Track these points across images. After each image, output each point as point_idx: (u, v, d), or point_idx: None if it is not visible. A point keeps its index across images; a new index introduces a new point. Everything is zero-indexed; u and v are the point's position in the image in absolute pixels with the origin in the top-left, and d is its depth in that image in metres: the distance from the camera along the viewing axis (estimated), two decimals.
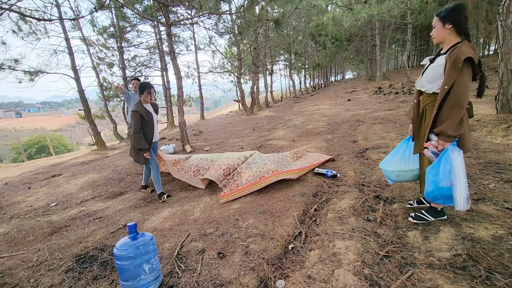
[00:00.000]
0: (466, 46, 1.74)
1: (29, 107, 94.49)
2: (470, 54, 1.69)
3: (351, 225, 2.27)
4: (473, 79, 1.80)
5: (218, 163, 3.89)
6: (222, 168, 3.64)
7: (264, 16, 8.67)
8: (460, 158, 1.77)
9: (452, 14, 1.80)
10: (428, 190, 1.90)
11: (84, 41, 10.50)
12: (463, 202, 1.73)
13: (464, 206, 1.73)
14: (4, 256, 2.54)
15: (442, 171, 1.80)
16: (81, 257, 2.32)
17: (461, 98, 1.73)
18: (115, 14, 10.65)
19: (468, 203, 1.74)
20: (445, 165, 1.79)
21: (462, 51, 1.71)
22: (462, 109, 1.74)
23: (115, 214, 3.23)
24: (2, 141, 33.25)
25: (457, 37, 1.83)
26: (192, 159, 4.30)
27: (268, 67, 20.00)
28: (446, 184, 1.79)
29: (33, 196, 4.53)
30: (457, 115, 1.74)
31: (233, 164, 3.68)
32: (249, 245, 2.21)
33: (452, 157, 1.78)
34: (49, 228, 3.07)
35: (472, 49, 1.73)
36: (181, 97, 6.34)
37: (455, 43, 1.81)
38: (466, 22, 1.80)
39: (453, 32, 1.83)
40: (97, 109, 12.27)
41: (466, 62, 1.71)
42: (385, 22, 16.53)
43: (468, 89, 1.74)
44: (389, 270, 1.70)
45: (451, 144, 1.81)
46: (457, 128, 1.76)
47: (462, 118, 1.77)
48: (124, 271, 1.71)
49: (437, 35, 1.91)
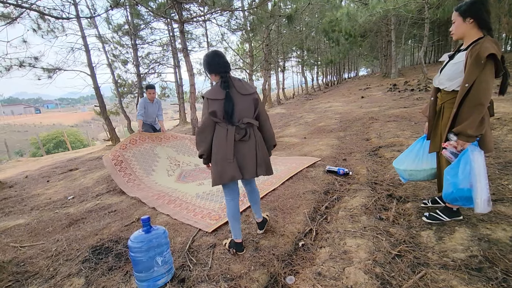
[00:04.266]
0: (488, 41, 1.66)
1: (48, 103, 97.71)
2: (493, 50, 1.60)
3: (363, 223, 2.25)
4: (496, 76, 1.71)
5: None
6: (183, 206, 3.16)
7: (277, 12, 8.62)
8: (481, 159, 1.69)
9: (473, 8, 1.71)
10: (447, 192, 1.84)
11: (99, 38, 10.72)
12: (483, 204, 1.66)
13: (485, 208, 1.67)
14: (26, 245, 2.65)
15: (461, 172, 1.73)
16: (97, 248, 2.40)
17: (483, 97, 1.65)
18: (129, 12, 10.82)
19: (490, 205, 1.68)
20: (465, 166, 1.72)
21: (485, 47, 1.62)
22: (483, 108, 1.66)
23: (129, 208, 3.32)
24: (23, 136, 34.59)
25: (478, 32, 1.74)
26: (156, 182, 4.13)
27: (280, 64, 19.88)
28: (465, 185, 1.72)
29: (51, 189, 4.70)
30: (478, 115, 1.66)
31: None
32: (260, 241, 2.23)
33: (472, 158, 1.70)
34: (67, 220, 3.18)
35: (495, 44, 1.65)
36: (193, 93, 6.41)
37: (477, 38, 1.73)
38: (489, 16, 1.72)
39: (474, 27, 1.74)
40: (112, 105, 12.54)
41: (489, 59, 1.62)
42: (401, 17, 16.09)
43: (491, 87, 1.66)
44: (401, 270, 1.68)
45: (472, 144, 1.73)
46: (478, 127, 1.68)
47: (483, 117, 1.69)
48: (138, 263, 1.75)
49: (457, 31, 1.82)
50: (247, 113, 1.94)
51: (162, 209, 3.11)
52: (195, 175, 4.24)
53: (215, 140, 1.92)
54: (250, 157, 1.94)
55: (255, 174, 1.96)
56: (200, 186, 3.67)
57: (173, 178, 4.23)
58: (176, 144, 5.27)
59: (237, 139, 1.90)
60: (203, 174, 4.23)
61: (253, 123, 1.97)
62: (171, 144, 5.20)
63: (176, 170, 4.54)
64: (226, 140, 1.88)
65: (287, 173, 3.64)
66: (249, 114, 1.95)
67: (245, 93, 1.92)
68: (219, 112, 1.87)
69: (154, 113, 5.09)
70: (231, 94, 1.87)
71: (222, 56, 1.93)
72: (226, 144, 1.88)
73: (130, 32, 11.30)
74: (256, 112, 2.01)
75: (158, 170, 4.50)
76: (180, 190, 3.65)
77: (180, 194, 3.48)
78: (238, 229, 2.10)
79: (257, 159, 1.96)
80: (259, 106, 2.02)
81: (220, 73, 1.91)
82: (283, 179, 3.46)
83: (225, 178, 1.90)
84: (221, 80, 1.90)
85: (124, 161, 4.42)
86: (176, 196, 3.43)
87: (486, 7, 1.71)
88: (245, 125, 1.92)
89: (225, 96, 1.85)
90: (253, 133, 1.97)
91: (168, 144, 5.16)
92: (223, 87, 1.87)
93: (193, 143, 5.47)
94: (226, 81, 1.88)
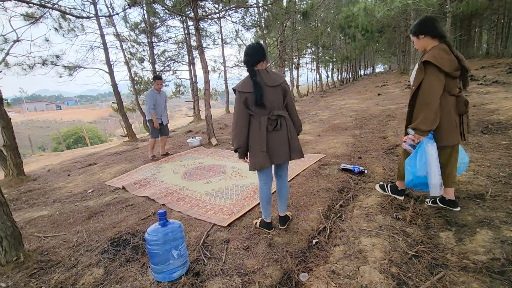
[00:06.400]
0: (435, 49, 1.95)
1: (68, 100, 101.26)
2: (430, 57, 1.90)
3: (378, 222, 2.21)
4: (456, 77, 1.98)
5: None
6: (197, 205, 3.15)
7: (292, 8, 8.52)
8: (434, 150, 1.99)
9: (419, 27, 2.06)
10: (408, 179, 2.15)
11: (117, 37, 10.97)
12: (435, 189, 2.00)
13: (437, 192, 2.01)
14: (49, 235, 2.77)
15: (418, 162, 2.05)
16: (115, 240, 2.47)
17: (428, 97, 1.93)
18: (146, 10, 11.00)
19: (441, 189, 2.02)
20: (421, 157, 2.04)
21: (426, 55, 1.95)
22: (431, 107, 1.92)
23: (145, 202, 3.40)
24: (45, 131, 36.04)
25: (434, 41, 2.02)
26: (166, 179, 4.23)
27: (295, 61, 19.69)
28: (422, 173, 2.04)
29: (72, 183, 4.88)
30: (428, 112, 1.93)
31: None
32: (273, 238, 2.24)
33: (427, 150, 2.00)
34: (87, 212, 3.30)
35: (442, 51, 1.93)
36: (207, 90, 6.45)
37: (431, 47, 2.01)
38: (435, 27, 2.01)
39: (428, 39, 2.04)
40: (128, 102, 12.84)
41: (426, 65, 1.94)
42: (421, 11, 15.55)
43: (435, 89, 1.91)
44: (418, 270, 1.64)
45: (427, 137, 2.01)
46: (429, 123, 1.94)
47: (437, 114, 1.94)
48: (155, 255, 1.80)
49: (418, 46, 2.14)
50: (276, 104, 2.04)
51: (172, 206, 3.16)
52: (201, 173, 4.28)
53: (251, 133, 2.06)
54: (283, 144, 2.07)
55: (288, 158, 2.10)
56: (208, 184, 3.71)
57: (179, 175, 4.28)
58: (180, 158, 5.45)
59: (270, 130, 2.02)
60: (209, 172, 4.26)
61: (284, 115, 2.06)
62: (175, 159, 5.38)
63: (181, 169, 4.61)
64: (260, 132, 2.00)
65: (292, 172, 3.65)
66: (278, 105, 2.05)
67: (273, 84, 2.01)
68: (250, 104, 1.99)
69: (162, 104, 5.32)
70: (260, 86, 1.96)
71: (253, 48, 2.03)
72: (260, 135, 2.01)
73: (146, 30, 11.49)
74: (285, 102, 2.10)
75: (163, 171, 4.61)
76: (188, 188, 3.69)
77: (189, 192, 3.52)
78: (269, 211, 2.32)
79: (290, 145, 2.09)
80: (287, 96, 2.11)
81: (248, 65, 2.02)
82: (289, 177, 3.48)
83: (257, 166, 2.07)
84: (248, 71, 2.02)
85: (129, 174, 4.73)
86: (185, 194, 3.47)
87: (431, 22, 2.03)
88: (276, 116, 2.02)
89: (254, 88, 1.95)
90: (285, 122, 2.07)
91: (172, 160, 5.36)
92: (251, 78, 1.98)
93: (197, 153, 5.63)
94: (253, 73, 1.98)
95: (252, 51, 2.00)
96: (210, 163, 4.76)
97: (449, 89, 1.99)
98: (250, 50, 2.01)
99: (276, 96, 2.04)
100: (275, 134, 2.05)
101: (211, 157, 5.22)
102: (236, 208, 2.86)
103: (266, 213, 2.32)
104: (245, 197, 3.12)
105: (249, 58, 2.01)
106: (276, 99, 2.04)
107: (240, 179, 3.75)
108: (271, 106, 2.02)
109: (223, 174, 4.08)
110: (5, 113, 5.24)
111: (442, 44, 1.98)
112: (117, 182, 4.40)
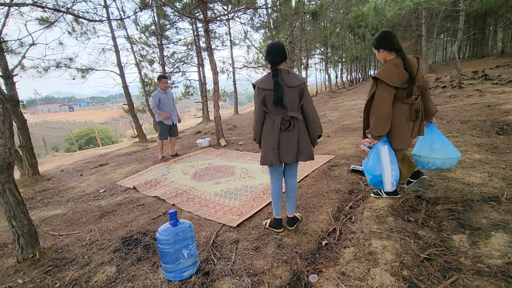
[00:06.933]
0: (387, 65, 2.19)
1: (80, 101, 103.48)
2: (379, 75, 2.16)
3: (389, 224, 2.18)
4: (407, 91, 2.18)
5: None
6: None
7: (301, 9, 8.48)
8: (385, 152, 2.23)
9: (378, 42, 2.25)
10: (368, 178, 2.39)
11: (128, 39, 11.17)
12: (388, 185, 2.24)
13: (389, 188, 2.26)
14: (63, 234, 2.85)
15: (374, 163, 2.29)
16: (126, 239, 2.52)
17: (378, 108, 2.18)
18: (156, 13, 11.16)
19: (393, 186, 2.25)
20: (376, 158, 2.28)
21: (378, 72, 2.21)
22: (380, 115, 2.17)
23: (155, 202, 3.45)
24: (58, 132, 36.92)
25: (391, 54, 2.22)
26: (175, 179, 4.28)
27: (303, 61, 19.61)
28: (378, 172, 2.27)
29: (84, 183, 5.00)
30: (377, 120, 2.18)
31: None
32: (282, 239, 2.24)
33: (380, 152, 2.25)
34: (99, 211, 3.37)
35: (393, 65, 2.15)
36: (217, 92, 6.50)
37: (388, 60, 2.23)
38: (392, 41, 2.19)
39: (387, 53, 2.24)
40: (139, 103, 13.03)
41: (377, 80, 2.18)
42: (433, 10, 15.26)
43: (384, 101, 2.15)
44: (431, 274, 1.61)
45: (382, 140, 2.26)
46: (381, 130, 2.19)
47: (388, 121, 2.18)
48: (166, 254, 1.83)
49: (379, 58, 2.35)
50: (293, 105, 2.07)
51: (182, 206, 3.19)
52: (210, 174, 4.31)
53: (264, 129, 2.13)
54: (292, 145, 2.11)
55: (295, 159, 2.13)
56: (218, 185, 3.73)
57: (188, 176, 4.32)
58: (189, 158, 5.51)
59: (282, 129, 2.07)
60: (218, 173, 4.28)
61: (297, 117, 2.08)
62: (185, 160, 5.44)
63: (190, 170, 4.65)
64: (272, 130, 2.06)
65: (301, 172, 3.64)
66: (294, 107, 2.07)
67: (292, 85, 2.04)
68: (268, 102, 2.04)
69: (169, 103, 5.36)
70: (280, 86, 1.99)
71: (277, 48, 2.05)
72: (272, 134, 2.07)
73: (156, 32, 11.66)
74: (300, 103, 2.10)
75: (172, 172, 4.65)
76: (198, 188, 3.72)
77: (199, 193, 3.55)
78: (279, 208, 2.34)
79: (299, 147, 2.12)
80: (304, 97, 2.11)
81: (271, 63, 2.05)
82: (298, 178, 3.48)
83: (266, 162, 2.13)
84: (271, 69, 2.05)
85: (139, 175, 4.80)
86: (195, 195, 3.50)
87: (389, 37, 2.20)
88: (289, 117, 2.06)
89: (274, 86, 1.99)
90: (297, 124, 2.10)
91: (181, 160, 5.41)
92: (272, 77, 2.02)
93: (206, 154, 5.71)
94: (275, 72, 2.02)
95: (277, 51, 2.03)
96: (219, 164, 4.79)
97: (401, 98, 2.21)
98: (276, 49, 2.03)
99: (293, 97, 2.07)
100: (286, 134, 2.10)
101: (220, 158, 5.26)
102: (245, 208, 2.87)
103: (276, 209, 2.34)
104: (254, 198, 3.13)
105: (274, 57, 2.03)
106: (294, 100, 2.07)
107: (249, 180, 3.76)
108: (289, 107, 2.06)
109: (232, 174, 4.10)
110: (21, 115, 5.41)
111: (397, 58, 2.18)
112: (128, 182, 4.48)
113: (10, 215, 2.21)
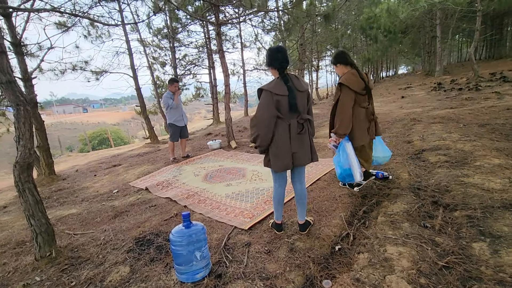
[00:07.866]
0: (347, 74, 2.68)
1: (94, 103, 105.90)
2: (343, 80, 2.62)
3: (405, 230, 2.13)
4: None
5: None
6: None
7: (313, 11, 8.45)
8: (350, 148, 2.65)
9: (335, 59, 2.80)
10: (338, 173, 2.77)
11: (141, 42, 11.38)
12: (357, 177, 2.62)
13: (358, 179, 2.64)
14: (78, 233, 2.91)
15: (342, 158, 2.67)
16: (139, 240, 2.55)
17: (341, 111, 2.62)
18: (168, 16, 11.34)
19: (361, 176, 2.65)
20: (343, 154, 2.66)
21: (342, 79, 2.66)
22: (342, 117, 2.61)
23: (167, 203, 3.48)
24: (72, 133, 37.87)
25: (346, 68, 2.75)
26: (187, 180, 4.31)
27: (314, 63, 19.51)
28: (346, 166, 2.64)
29: (98, 183, 5.09)
30: (341, 121, 2.61)
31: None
32: (295, 243, 2.22)
33: (346, 148, 2.64)
34: (113, 212, 3.42)
35: (352, 75, 2.66)
36: (228, 94, 6.53)
37: (346, 72, 2.73)
38: (346, 58, 2.75)
39: (343, 67, 2.76)
40: (151, 105, 13.24)
41: (341, 86, 2.63)
42: (448, 11, 14.94)
43: (347, 104, 2.61)
44: (450, 282, 1.56)
45: (345, 139, 2.68)
46: (345, 129, 2.62)
47: (350, 121, 2.62)
48: (179, 256, 1.84)
49: (337, 72, 2.87)
50: (304, 108, 2.11)
51: (194, 208, 3.21)
52: (221, 175, 4.31)
53: (277, 135, 2.04)
54: (306, 147, 2.13)
55: (310, 160, 2.18)
56: (229, 187, 3.73)
57: (199, 177, 4.34)
58: (200, 160, 5.54)
59: (297, 133, 2.07)
60: (229, 175, 4.28)
61: (310, 119, 2.15)
62: (196, 161, 5.48)
63: (202, 171, 4.67)
64: (290, 135, 2.04)
65: (313, 176, 3.63)
66: (304, 110, 2.11)
67: (301, 89, 2.06)
68: (282, 107, 2.00)
69: (179, 104, 5.46)
70: (293, 91, 2.00)
71: (282, 52, 2.05)
72: (289, 138, 2.05)
73: (169, 35, 11.84)
74: (308, 106, 2.16)
75: (184, 173, 4.69)
76: (209, 190, 3.73)
77: (210, 195, 3.56)
78: (280, 213, 2.37)
79: (311, 148, 2.17)
80: (310, 101, 2.17)
81: (278, 69, 2.04)
82: (310, 181, 3.49)
83: (283, 167, 2.09)
84: (280, 75, 2.04)
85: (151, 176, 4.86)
86: (206, 196, 3.52)
87: (343, 54, 2.77)
88: (303, 120, 2.08)
89: (289, 92, 1.99)
90: (308, 125, 2.15)
91: (192, 162, 5.45)
92: (285, 83, 2.01)
93: (217, 156, 5.71)
94: (286, 78, 2.02)
95: (283, 56, 2.02)
96: (230, 166, 4.80)
97: (359, 103, 2.70)
98: (282, 54, 2.03)
99: (304, 101, 2.11)
100: (301, 137, 2.10)
101: (231, 160, 5.27)
102: (257, 211, 2.86)
103: (278, 214, 2.37)
104: (265, 201, 3.11)
105: (282, 62, 2.03)
106: (304, 103, 2.11)
107: (260, 182, 3.75)
108: (301, 111, 2.08)
109: (243, 177, 4.10)
110: (39, 116, 5.57)
111: (353, 70, 2.70)
112: (140, 183, 4.54)
113: (29, 213, 2.27)
